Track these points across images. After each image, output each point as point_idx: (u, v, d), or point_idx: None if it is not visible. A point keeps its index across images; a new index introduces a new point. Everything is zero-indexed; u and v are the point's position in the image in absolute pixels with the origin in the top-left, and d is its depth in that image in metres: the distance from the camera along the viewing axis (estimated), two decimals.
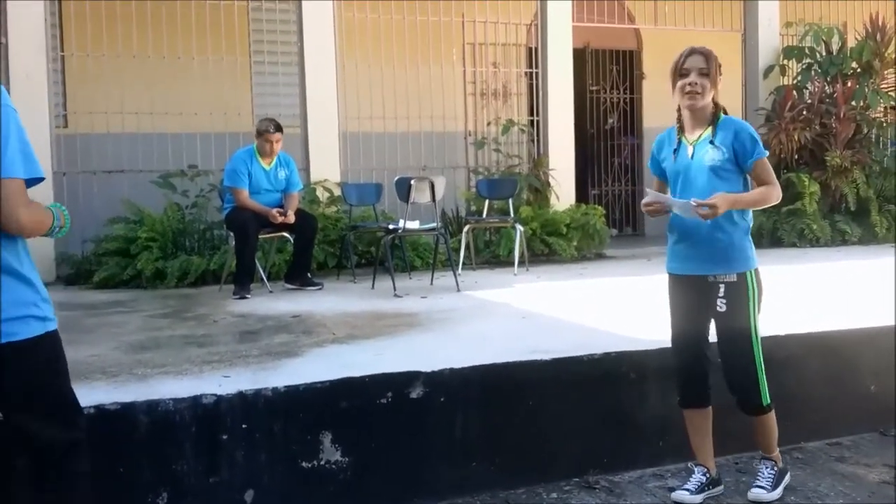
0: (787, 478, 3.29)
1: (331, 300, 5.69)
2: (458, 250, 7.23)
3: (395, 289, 5.92)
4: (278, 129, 6.36)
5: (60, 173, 7.26)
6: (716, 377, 3.18)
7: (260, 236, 6.27)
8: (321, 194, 7.71)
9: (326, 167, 7.81)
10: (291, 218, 6.24)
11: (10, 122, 1.92)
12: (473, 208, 8.24)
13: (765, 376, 3.11)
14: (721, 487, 3.27)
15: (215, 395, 3.05)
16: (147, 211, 7.12)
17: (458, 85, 8.96)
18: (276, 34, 8.58)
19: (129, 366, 3.63)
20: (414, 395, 3.29)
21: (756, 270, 3.10)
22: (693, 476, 3.24)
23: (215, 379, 3.30)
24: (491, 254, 7.80)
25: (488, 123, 8.96)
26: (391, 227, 6.44)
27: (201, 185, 7.40)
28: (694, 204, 2.99)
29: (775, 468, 3.25)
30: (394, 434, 3.26)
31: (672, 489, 3.29)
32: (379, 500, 3.22)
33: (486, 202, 7.82)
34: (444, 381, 3.34)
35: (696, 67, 3.02)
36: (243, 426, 3.06)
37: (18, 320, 1.90)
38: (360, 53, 8.21)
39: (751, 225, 3.12)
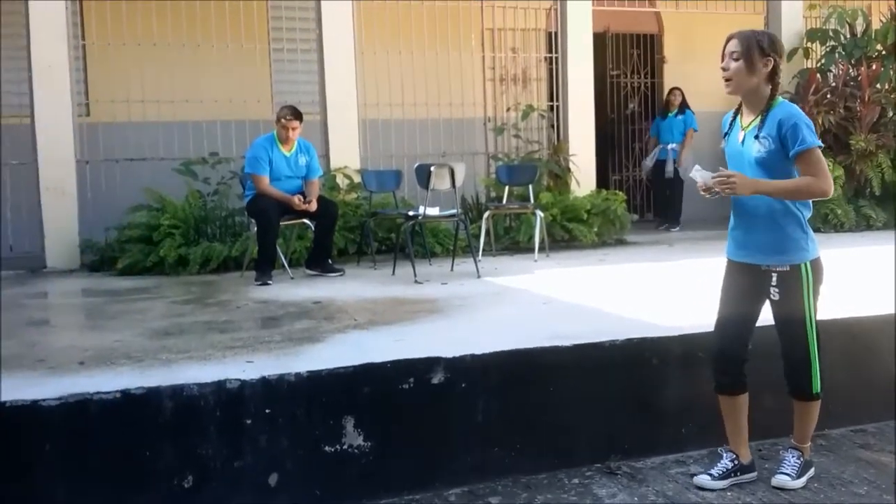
0: (812, 471, 3.27)
1: (352, 286, 5.71)
2: (477, 236, 7.21)
3: (415, 275, 5.94)
4: (296, 116, 6.33)
5: (83, 161, 7.31)
6: (750, 365, 3.17)
7: (281, 223, 6.30)
8: (341, 181, 7.72)
9: (346, 154, 7.81)
10: (314, 206, 6.26)
11: None
12: (493, 194, 8.22)
13: (818, 365, 3.09)
14: (754, 474, 3.25)
15: (239, 380, 3.08)
16: (169, 198, 7.16)
17: (478, 70, 8.91)
18: (294, 21, 8.58)
19: (153, 351, 3.66)
20: (435, 380, 3.30)
21: (813, 261, 3.04)
22: (720, 461, 3.23)
23: (239, 364, 3.33)
24: (511, 240, 7.79)
25: (508, 109, 8.92)
26: (411, 213, 6.45)
27: (222, 173, 7.43)
28: (701, 186, 3.00)
29: (801, 458, 3.23)
30: (415, 419, 3.28)
31: (694, 475, 3.28)
32: (400, 484, 3.24)
33: (506, 188, 7.79)
34: (465, 366, 3.34)
35: (729, 52, 3.02)
36: (267, 411, 3.09)
37: None
38: (378, 40, 8.19)
39: (806, 216, 3.05)
